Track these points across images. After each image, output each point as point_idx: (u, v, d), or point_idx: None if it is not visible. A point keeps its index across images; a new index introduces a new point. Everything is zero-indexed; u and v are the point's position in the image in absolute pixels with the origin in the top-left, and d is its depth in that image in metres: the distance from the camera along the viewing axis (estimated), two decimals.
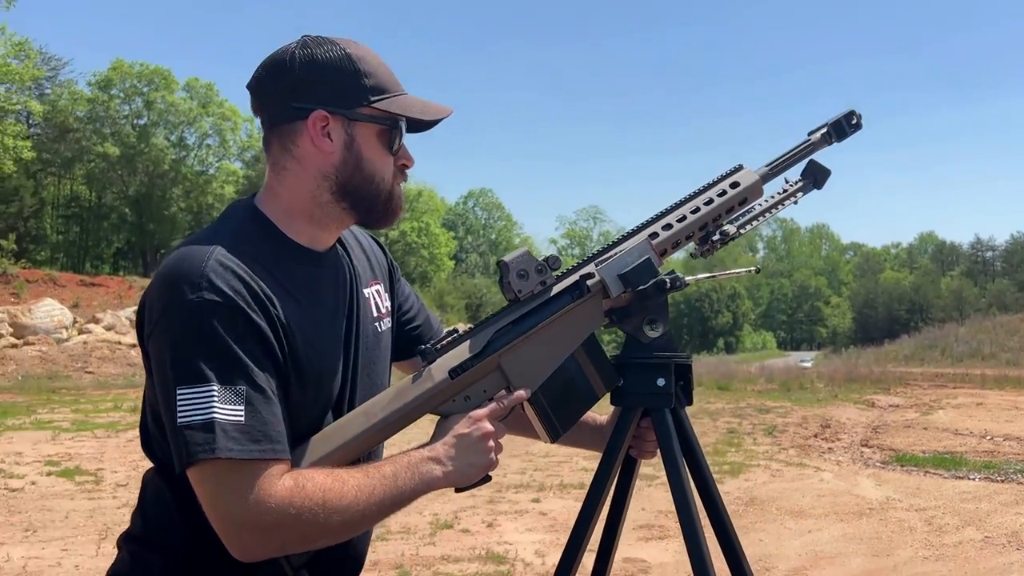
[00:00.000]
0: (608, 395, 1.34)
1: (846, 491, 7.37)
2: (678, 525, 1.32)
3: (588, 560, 1.45)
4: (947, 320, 53.82)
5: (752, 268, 1.49)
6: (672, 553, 5.23)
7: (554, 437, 1.28)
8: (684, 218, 1.37)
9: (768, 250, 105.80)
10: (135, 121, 42.30)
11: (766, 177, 1.43)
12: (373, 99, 1.16)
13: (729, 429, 11.44)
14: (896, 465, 8.75)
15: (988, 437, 10.71)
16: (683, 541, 1.29)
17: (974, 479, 7.95)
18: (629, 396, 1.34)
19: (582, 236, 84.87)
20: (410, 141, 1.24)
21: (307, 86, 1.14)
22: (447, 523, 5.96)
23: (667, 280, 1.28)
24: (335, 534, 1.08)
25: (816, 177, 1.44)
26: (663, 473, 1.35)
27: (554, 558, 5.62)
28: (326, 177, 1.17)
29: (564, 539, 1.38)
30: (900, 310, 72.09)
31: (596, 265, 1.30)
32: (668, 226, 1.36)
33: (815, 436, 11.05)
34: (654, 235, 1.34)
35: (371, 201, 1.19)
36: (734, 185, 1.39)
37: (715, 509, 1.35)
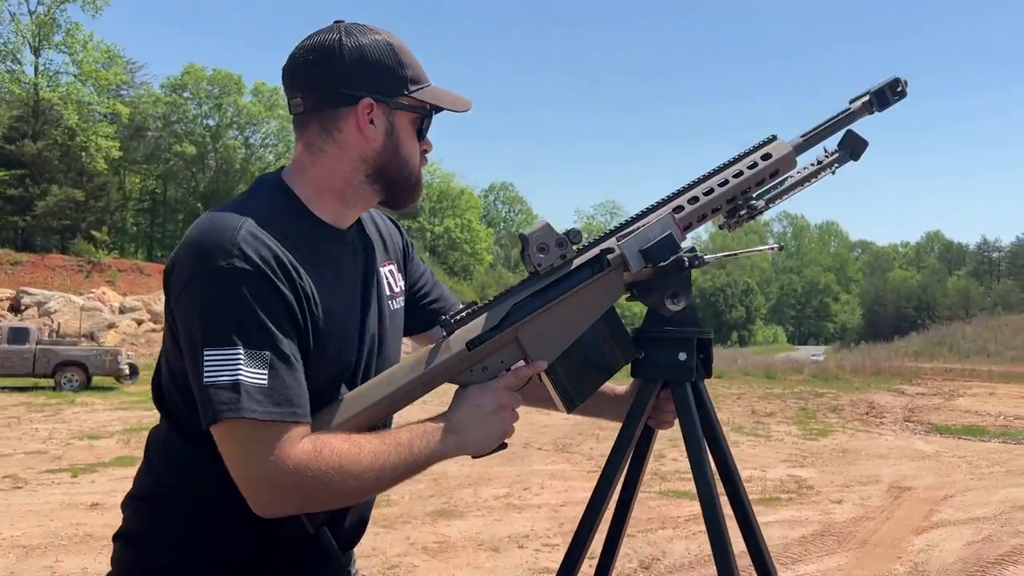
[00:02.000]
0: (629, 366, 1.37)
1: (907, 447, 10.58)
2: (814, 455, 3.13)
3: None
4: (954, 318, 55.60)
5: (775, 246, 1.45)
6: (815, 471, 8.45)
7: (570, 408, 1.32)
8: (711, 191, 1.35)
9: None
10: (202, 121, 45.43)
11: (800, 148, 1.40)
12: (412, 89, 1.25)
13: (800, 407, 14.68)
14: (936, 433, 11.97)
15: (1003, 416, 13.90)
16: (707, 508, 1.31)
17: (995, 442, 11.16)
18: (650, 368, 1.36)
19: (600, 231, 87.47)
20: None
21: (356, 74, 1.22)
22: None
23: (686, 259, 1.29)
24: (350, 497, 1.16)
25: (853, 148, 1.42)
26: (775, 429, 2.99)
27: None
28: (365, 161, 1.25)
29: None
30: (908, 308, 74.69)
31: (617, 240, 1.31)
32: (694, 199, 1.35)
33: (866, 414, 14.25)
34: (679, 208, 1.34)
35: (403, 184, 1.29)
36: (766, 157, 1.37)
37: (732, 481, 1.36)
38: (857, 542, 5.64)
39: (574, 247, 1.29)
